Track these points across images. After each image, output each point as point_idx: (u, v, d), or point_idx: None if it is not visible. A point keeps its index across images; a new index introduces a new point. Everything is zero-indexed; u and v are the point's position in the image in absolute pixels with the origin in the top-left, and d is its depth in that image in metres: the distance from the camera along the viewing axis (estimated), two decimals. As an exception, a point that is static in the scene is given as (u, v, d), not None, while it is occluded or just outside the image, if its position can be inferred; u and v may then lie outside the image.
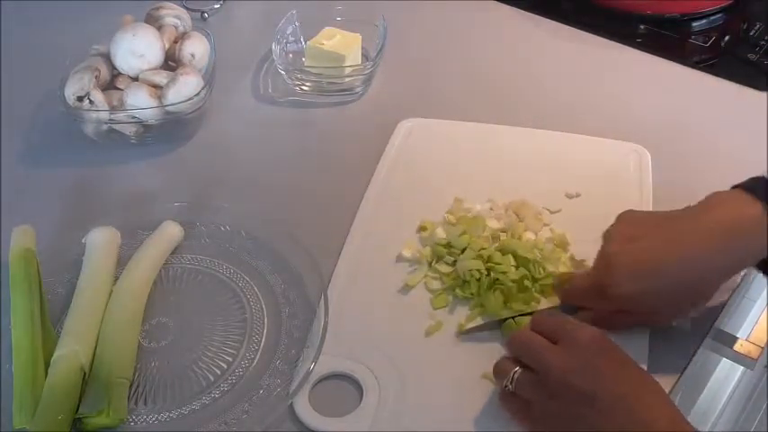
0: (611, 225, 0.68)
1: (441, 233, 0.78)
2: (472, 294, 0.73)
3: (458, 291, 0.73)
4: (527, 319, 0.68)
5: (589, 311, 0.68)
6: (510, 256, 0.73)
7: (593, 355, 0.59)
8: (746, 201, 0.63)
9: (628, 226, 0.67)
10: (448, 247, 0.76)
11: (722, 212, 0.63)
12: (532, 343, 0.62)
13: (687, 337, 0.70)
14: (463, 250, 0.75)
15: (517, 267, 0.73)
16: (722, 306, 0.73)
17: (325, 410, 0.65)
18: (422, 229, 0.79)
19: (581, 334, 0.60)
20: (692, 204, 0.65)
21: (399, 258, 0.77)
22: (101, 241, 0.76)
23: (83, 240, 0.77)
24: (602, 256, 0.66)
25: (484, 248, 0.75)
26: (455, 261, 0.75)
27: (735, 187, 0.65)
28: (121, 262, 0.76)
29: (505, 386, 0.62)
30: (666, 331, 0.69)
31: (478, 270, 0.73)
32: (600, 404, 0.57)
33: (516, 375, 0.61)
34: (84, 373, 0.66)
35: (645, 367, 0.66)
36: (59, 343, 0.68)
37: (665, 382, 0.67)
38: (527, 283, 0.72)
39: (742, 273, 0.73)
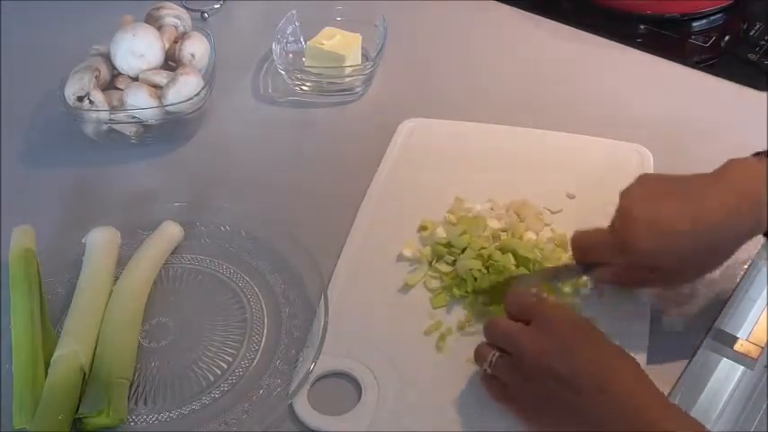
0: (630, 185, 0.68)
1: (441, 233, 0.78)
2: (467, 293, 0.73)
3: (455, 290, 0.73)
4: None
5: (605, 267, 0.69)
6: (510, 255, 0.73)
7: (566, 335, 0.60)
8: (762, 168, 0.64)
9: (647, 186, 0.67)
10: (448, 246, 0.76)
11: (739, 178, 0.64)
12: (505, 327, 0.63)
13: (687, 337, 0.70)
14: (463, 250, 0.75)
15: (517, 266, 0.73)
16: (722, 306, 0.73)
17: (324, 409, 0.66)
18: (422, 228, 0.79)
19: (554, 314, 0.61)
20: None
21: (400, 258, 0.77)
22: (101, 241, 0.76)
23: (83, 240, 0.77)
24: (622, 211, 0.67)
25: (484, 248, 0.75)
26: (455, 261, 0.75)
27: (755, 155, 0.66)
28: (121, 262, 0.76)
29: (485, 369, 0.63)
30: (666, 331, 0.69)
31: (479, 270, 0.73)
32: (574, 384, 0.57)
33: (494, 359, 0.62)
34: (84, 373, 0.66)
35: (643, 367, 0.66)
36: (59, 343, 0.68)
37: (665, 382, 0.67)
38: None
39: (741, 271, 0.74)
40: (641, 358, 0.67)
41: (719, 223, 0.63)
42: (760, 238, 0.72)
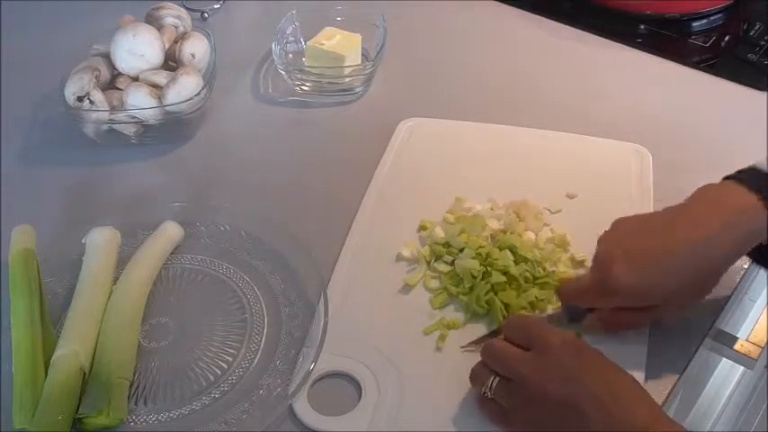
0: (606, 231, 0.68)
1: (439, 232, 0.78)
2: (465, 292, 0.73)
3: (452, 289, 0.73)
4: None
5: (594, 314, 0.68)
6: (507, 251, 0.73)
7: (567, 360, 0.59)
8: (736, 190, 0.64)
9: (621, 226, 0.67)
10: (446, 246, 0.76)
11: (714, 203, 0.64)
12: (505, 354, 0.62)
13: (687, 337, 0.70)
14: (461, 250, 0.75)
15: (516, 263, 0.73)
16: (722, 306, 0.73)
17: (323, 409, 0.66)
18: (422, 228, 0.79)
19: (552, 339, 0.61)
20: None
21: (399, 258, 0.77)
22: (101, 241, 0.76)
23: (83, 240, 0.76)
24: (599, 254, 0.67)
25: (482, 246, 0.75)
26: (454, 260, 0.75)
27: (725, 179, 0.66)
28: (121, 262, 0.76)
29: (484, 393, 0.63)
30: (666, 331, 0.69)
31: (477, 270, 0.73)
32: (577, 408, 0.57)
33: (494, 384, 0.62)
34: (84, 373, 0.66)
35: (644, 368, 0.67)
36: (59, 343, 0.67)
37: (665, 383, 0.67)
38: (526, 275, 0.72)
39: (741, 271, 0.74)
40: (640, 359, 0.67)
41: (699, 250, 0.63)
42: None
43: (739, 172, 0.66)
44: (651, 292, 0.64)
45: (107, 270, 0.74)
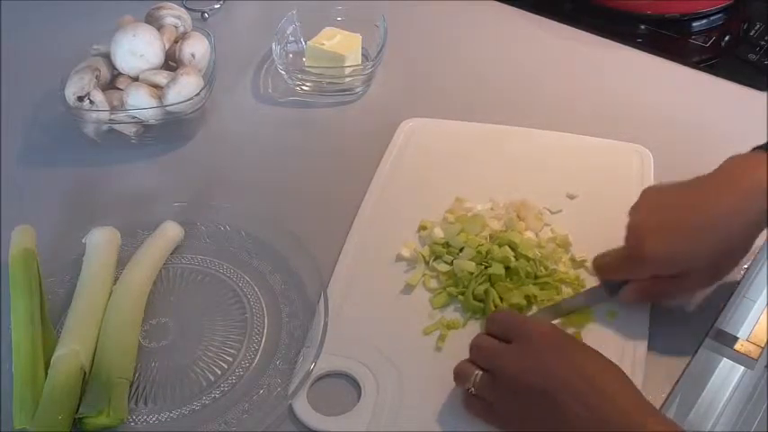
0: (636, 201, 0.69)
1: (439, 232, 0.78)
2: (463, 292, 0.73)
3: (450, 289, 0.73)
4: None
5: (630, 285, 0.69)
6: (507, 247, 0.74)
7: (546, 351, 0.60)
8: (763, 160, 0.65)
9: (651, 196, 0.69)
10: (446, 246, 0.76)
11: (740, 172, 0.66)
12: (486, 346, 0.63)
13: (687, 337, 0.70)
14: (461, 249, 0.75)
15: (516, 259, 0.73)
16: (722, 306, 0.73)
17: (323, 409, 0.66)
18: (422, 228, 0.79)
19: (533, 330, 0.62)
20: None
21: (399, 258, 0.77)
22: (101, 241, 0.76)
23: (83, 240, 0.77)
24: (631, 226, 0.68)
25: (482, 245, 0.75)
26: (453, 261, 0.75)
27: (754, 149, 0.68)
28: (121, 262, 0.76)
29: (468, 389, 0.63)
30: (666, 331, 0.69)
31: (474, 269, 0.73)
32: (555, 399, 0.57)
33: (477, 378, 0.62)
34: (85, 373, 0.66)
35: (644, 367, 0.67)
36: (59, 343, 0.67)
37: (666, 383, 0.67)
38: (527, 269, 0.73)
39: (741, 271, 0.74)
40: (640, 359, 0.67)
41: (726, 217, 0.64)
42: (761, 239, 0.72)
43: None
44: (684, 260, 0.65)
45: (107, 270, 0.74)
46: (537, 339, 0.61)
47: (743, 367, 0.77)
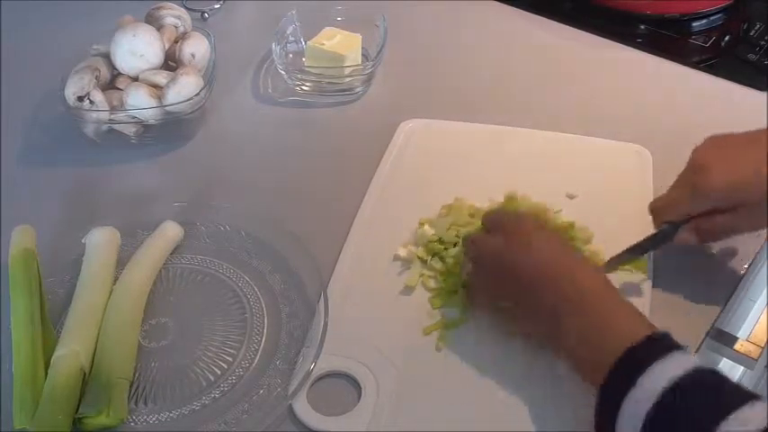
0: (700, 144, 0.71)
1: (429, 230, 0.78)
2: (456, 289, 0.73)
3: (443, 284, 0.73)
4: None
5: (687, 225, 0.70)
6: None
7: (523, 235, 0.67)
8: None
9: (717, 138, 0.70)
10: (441, 242, 0.76)
11: None
12: (476, 238, 0.71)
13: (687, 337, 0.70)
14: (455, 245, 0.75)
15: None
16: (722, 306, 0.73)
17: (323, 409, 0.66)
18: (420, 227, 0.79)
19: (514, 221, 0.69)
20: None
21: (397, 258, 0.77)
22: (101, 241, 0.76)
23: (83, 240, 0.76)
24: (694, 160, 0.70)
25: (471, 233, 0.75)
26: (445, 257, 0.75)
27: None
28: (121, 262, 0.76)
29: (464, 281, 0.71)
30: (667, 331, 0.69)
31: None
32: (516, 273, 0.65)
33: (467, 268, 0.70)
34: (84, 374, 0.66)
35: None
36: (59, 343, 0.67)
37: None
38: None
39: (741, 272, 0.74)
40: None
41: None
42: (761, 239, 0.72)
43: None
44: (744, 191, 0.67)
45: (107, 270, 0.74)
46: (525, 227, 0.68)
47: (743, 367, 0.77)
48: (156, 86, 0.89)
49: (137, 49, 0.90)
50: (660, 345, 0.57)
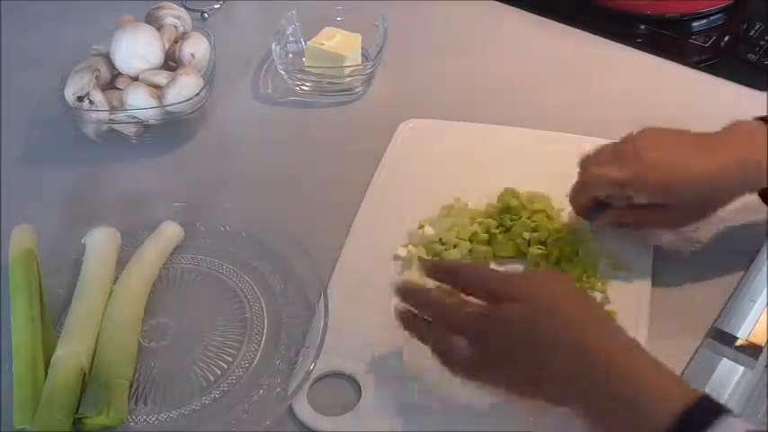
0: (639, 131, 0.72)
1: (429, 230, 0.78)
2: None
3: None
4: None
5: (608, 211, 0.72)
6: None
7: (551, 295, 0.61)
8: (761, 129, 0.69)
9: (655, 133, 0.72)
10: (441, 243, 0.77)
11: (743, 137, 0.70)
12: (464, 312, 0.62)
13: (687, 337, 0.70)
14: (455, 246, 0.76)
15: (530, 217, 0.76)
16: (722, 306, 0.73)
17: (323, 409, 0.66)
18: (420, 227, 0.79)
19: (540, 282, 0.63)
20: None
21: (397, 258, 0.77)
22: (101, 241, 0.76)
23: (82, 241, 0.76)
24: (638, 150, 0.70)
25: (475, 233, 0.76)
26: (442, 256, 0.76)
27: (757, 119, 0.72)
28: (121, 262, 0.76)
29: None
30: (666, 331, 0.69)
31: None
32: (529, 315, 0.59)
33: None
34: (84, 374, 0.66)
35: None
36: (59, 343, 0.67)
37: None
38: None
39: (741, 272, 0.74)
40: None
41: (724, 171, 0.67)
42: (761, 239, 0.72)
43: None
44: (678, 193, 0.68)
45: (107, 270, 0.74)
46: (532, 295, 0.60)
47: (743, 367, 0.77)
48: (156, 86, 0.89)
49: (137, 49, 0.90)
50: (715, 406, 0.53)
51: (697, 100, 0.96)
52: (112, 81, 0.92)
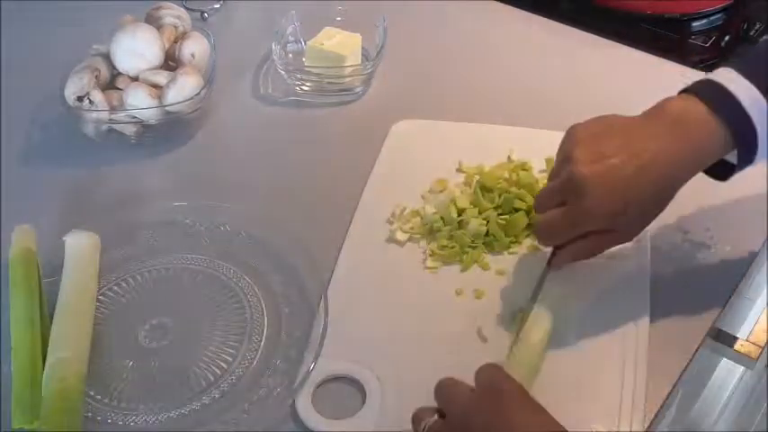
0: (570, 142, 0.69)
1: (429, 209, 0.79)
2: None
3: (465, 257, 0.75)
4: None
5: (563, 249, 0.70)
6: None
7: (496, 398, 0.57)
8: (691, 100, 0.67)
9: (590, 144, 0.67)
10: (442, 220, 0.78)
11: (671, 114, 0.67)
12: (452, 390, 0.60)
13: (687, 337, 0.70)
14: (459, 222, 0.77)
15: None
16: (722, 306, 0.73)
17: (327, 412, 0.66)
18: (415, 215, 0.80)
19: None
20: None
21: (390, 240, 0.78)
22: (80, 248, 0.75)
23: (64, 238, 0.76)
24: (573, 180, 0.65)
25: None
26: (452, 234, 0.77)
27: (681, 92, 0.69)
28: (118, 262, 0.76)
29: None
30: (666, 331, 0.69)
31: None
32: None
33: (430, 424, 0.59)
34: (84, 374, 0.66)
35: (644, 367, 0.67)
36: (48, 351, 0.67)
37: (666, 382, 0.67)
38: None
39: (741, 272, 0.74)
40: (641, 357, 0.67)
41: (665, 162, 0.65)
42: (761, 239, 0.72)
43: (696, 83, 0.69)
44: (627, 214, 0.65)
45: (89, 276, 0.74)
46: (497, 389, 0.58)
47: (743, 367, 0.77)
48: (155, 86, 0.89)
49: (137, 49, 0.90)
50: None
51: (697, 100, 0.96)
52: (112, 81, 0.92)
